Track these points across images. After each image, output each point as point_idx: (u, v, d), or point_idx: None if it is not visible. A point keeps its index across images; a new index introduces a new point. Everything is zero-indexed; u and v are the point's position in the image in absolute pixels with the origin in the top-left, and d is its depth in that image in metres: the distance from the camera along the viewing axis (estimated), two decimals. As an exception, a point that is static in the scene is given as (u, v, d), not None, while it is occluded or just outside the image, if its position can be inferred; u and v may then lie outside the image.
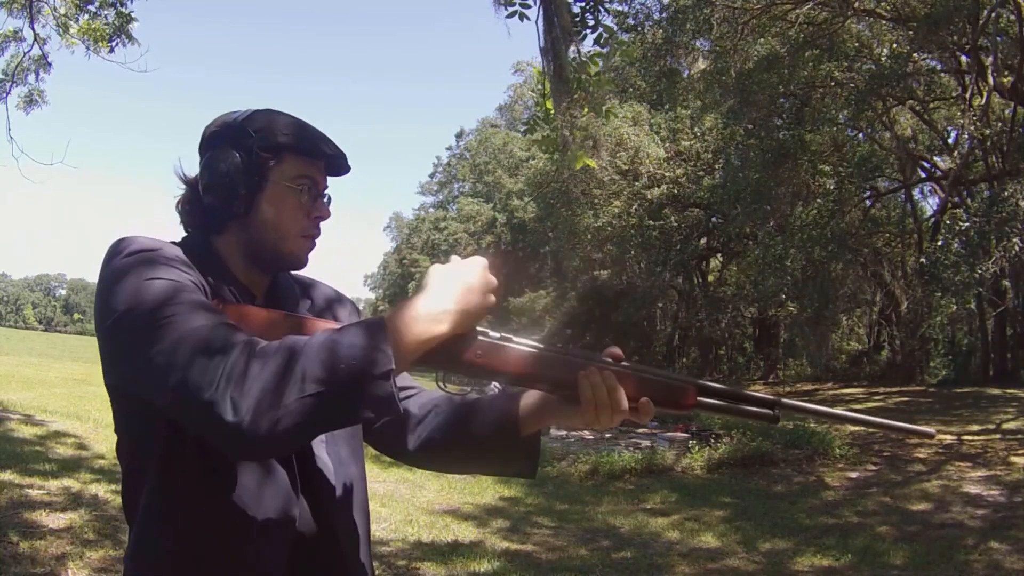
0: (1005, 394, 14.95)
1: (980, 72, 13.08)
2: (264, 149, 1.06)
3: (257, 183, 1.06)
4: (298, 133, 1.09)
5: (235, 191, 1.05)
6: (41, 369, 19.96)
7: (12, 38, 8.09)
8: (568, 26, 3.51)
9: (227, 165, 1.05)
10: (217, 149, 1.07)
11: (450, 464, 1.26)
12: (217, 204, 1.07)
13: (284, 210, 1.08)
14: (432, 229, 43.72)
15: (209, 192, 1.07)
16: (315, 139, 1.10)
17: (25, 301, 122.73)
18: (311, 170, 1.10)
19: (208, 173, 1.06)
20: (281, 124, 1.09)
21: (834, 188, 15.07)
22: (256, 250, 1.10)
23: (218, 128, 1.09)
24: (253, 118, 1.09)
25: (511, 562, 4.96)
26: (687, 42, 15.31)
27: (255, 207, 1.07)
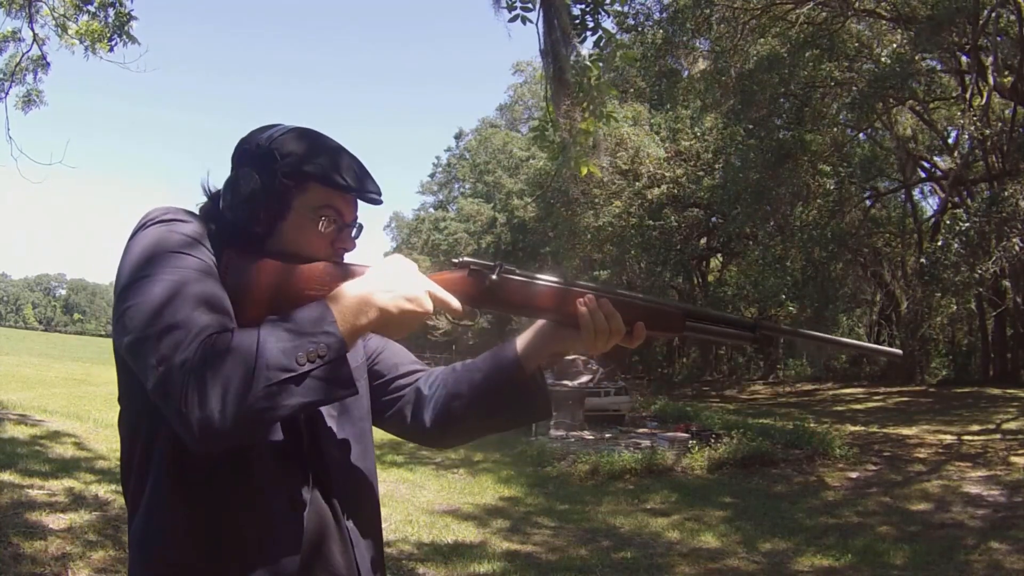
0: (1005, 394, 14.95)
1: (980, 72, 13.09)
2: (288, 176, 1.04)
3: (278, 210, 1.05)
4: (326, 163, 1.06)
5: (255, 214, 1.04)
6: (41, 369, 19.96)
7: (11, 38, 8.09)
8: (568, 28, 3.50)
9: (248, 188, 1.04)
10: (242, 169, 1.06)
11: (470, 428, 1.24)
12: (238, 223, 1.06)
13: (304, 239, 1.06)
14: (432, 229, 43.71)
15: (231, 211, 1.06)
16: (343, 171, 1.07)
17: (25, 301, 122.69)
18: (337, 201, 1.08)
19: (231, 192, 1.06)
20: (310, 151, 1.06)
21: (834, 188, 15.07)
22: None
23: (248, 146, 1.07)
24: (283, 141, 1.06)
25: (512, 562, 4.96)
26: (687, 42, 15.31)
27: (275, 232, 1.06)
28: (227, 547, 0.98)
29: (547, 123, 4.36)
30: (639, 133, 19.57)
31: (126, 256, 0.98)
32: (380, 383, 1.25)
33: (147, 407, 0.97)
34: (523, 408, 1.16)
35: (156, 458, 0.99)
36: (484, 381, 1.15)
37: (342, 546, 1.07)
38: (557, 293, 1.07)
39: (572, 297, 1.07)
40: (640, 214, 20.85)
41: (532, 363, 1.13)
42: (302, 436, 1.06)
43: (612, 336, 1.07)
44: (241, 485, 1.00)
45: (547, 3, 3.45)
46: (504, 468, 9.24)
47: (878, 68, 12.86)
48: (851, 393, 18.48)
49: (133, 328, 0.91)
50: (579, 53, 3.69)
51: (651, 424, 13.43)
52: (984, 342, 20.23)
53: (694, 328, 1.11)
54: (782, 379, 24.01)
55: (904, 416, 13.32)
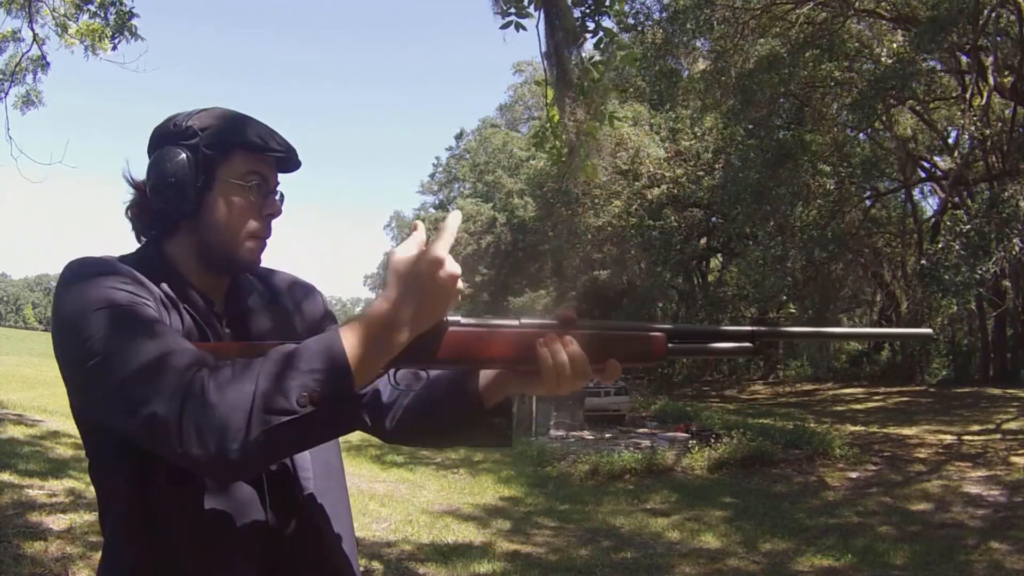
0: (1005, 394, 14.95)
1: (980, 72, 13.09)
2: (210, 146, 1.03)
3: (205, 181, 1.03)
4: (245, 129, 1.05)
5: (182, 190, 1.02)
6: (41, 369, 19.95)
7: (11, 38, 8.08)
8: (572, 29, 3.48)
9: (173, 164, 1.02)
10: (163, 149, 1.04)
11: (426, 441, 1.23)
12: (165, 205, 1.03)
13: (234, 209, 1.04)
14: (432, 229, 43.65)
15: (156, 193, 1.03)
16: (263, 135, 1.06)
17: (25, 301, 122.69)
18: (260, 166, 1.06)
19: (155, 173, 1.03)
20: (228, 121, 1.06)
21: (834, 188, 15.07)
22: (208, 252, 1.06)
23: (164, 128, 1.06)
24: (199, 116, 1.05)
25: (512, 562, 4.95)
26: (687, 42, 15.31)
27: (204, 206, 1.04)
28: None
29: (547, 128, 4.34)
30: (639, 133, 19.57)
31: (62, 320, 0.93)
32: None
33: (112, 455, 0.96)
34: (482, 437, 1.13)
35: (116, 503, 0.98)
36: (443, 408, 1.11)
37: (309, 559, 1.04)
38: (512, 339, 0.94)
39: (530, 341, 0.94)
40: (640, 214, 20.85)
41: (493, 400, 1.08)
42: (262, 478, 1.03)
43: (578, 377, 0.95)
44: (195, 516, 0.96)
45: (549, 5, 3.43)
46: (504, 468, 9.24)
47: (879, 68, 12.85)
48: (851, 393, 18.47)
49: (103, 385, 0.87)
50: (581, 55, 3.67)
51: (651, 424, 13.43)
52: (984, 342, 20.23)
53: (681, 351, 0.98)
54: (782, 379, 24.01)
55: (904, 416, 13.31)
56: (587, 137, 3.95)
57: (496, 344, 0.95)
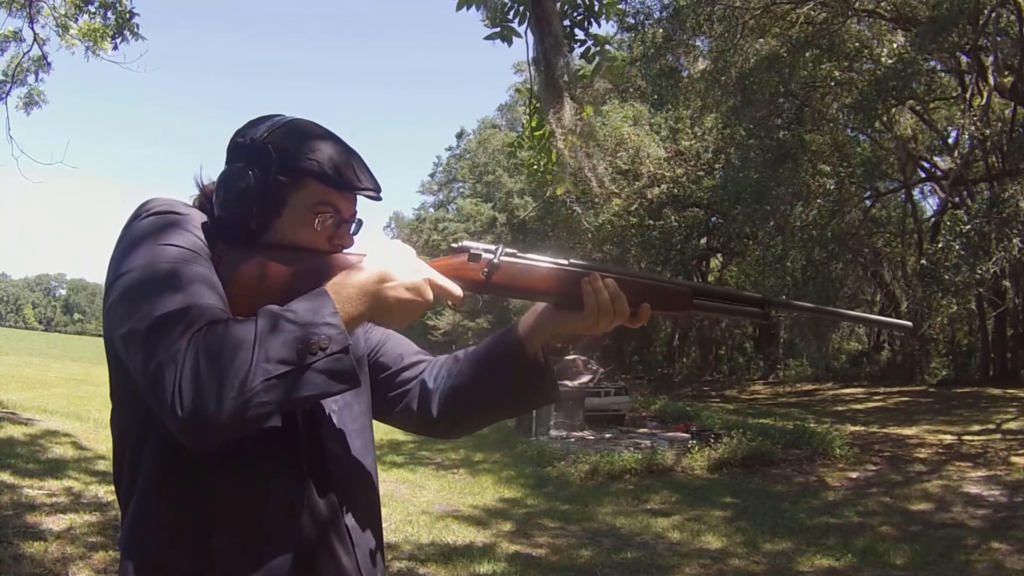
0: (1005, 394, 14.95)
1: (980, 72, 13.08)
2: (284, 172, 1.00)
3: (273, 207, 1.01)
4: (323, 159, 1.02)
5: (249, 211, 1.00)
6: (41, 369, 19.95)
7: (12, 38, 8.08)
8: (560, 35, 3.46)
9: (242, 184, 1.00)
10: (237, 165, 1.02)
11: (478, 415, 1.21)
12: (231, 220, 1.02)
13: (300, 236, 1.03)
14: (432, 229, 43.70)
15: (224, 207, 1.02)
16: (340, 167, 1.03)
17: (25, 301, 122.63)
18: (334, 197, 1.04)
19: (224, 188, 1.01)
20: (307, 146, 1.02)
21: (834, 188, 15.06)
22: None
23: (243, 141, 1.03)
24: (279, 135, 1.02)
25: (513, 563, 4.95)
26: (687, 41, 15.31)
27: (270, 230, 1.02)
28: (219, 550, 0.95)
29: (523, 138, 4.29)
30: (639, 133, 19.56)
31: (118, 247, 0.96)
32: (385, 376, 1.22)
33: (138, 404, 0.94)
34: (528, 391, 1.14)
35: (145, 458, 0.97)
36: (487, 366, 1.13)
37: (343, 546, 1.04)
38: (560, 275, 1.05)
39: (575, 278, 1.04)
40: (640, 214, 20.84)
41: (535, 345, 1.11)
42: (299, 432, 1.03)
43: (616, 317, 1.04)
44: (231, 485, 0.96)
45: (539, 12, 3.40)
46: (504, 468, 9.23)
47: (879, 68, 12.84)
48: (851, 393, 18.46)
49: (123, 320, 0.89)
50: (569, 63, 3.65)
51: (651, 424, 13.42)
52: (984, 342, 20.23)
53: (702, 306, 1.09)
54: (782, 379, 23.99)
55: (904, 416, 13.31)
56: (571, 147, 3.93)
57: (544, 278, 1.05)
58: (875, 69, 13.11)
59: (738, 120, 15.43)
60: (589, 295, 1.03)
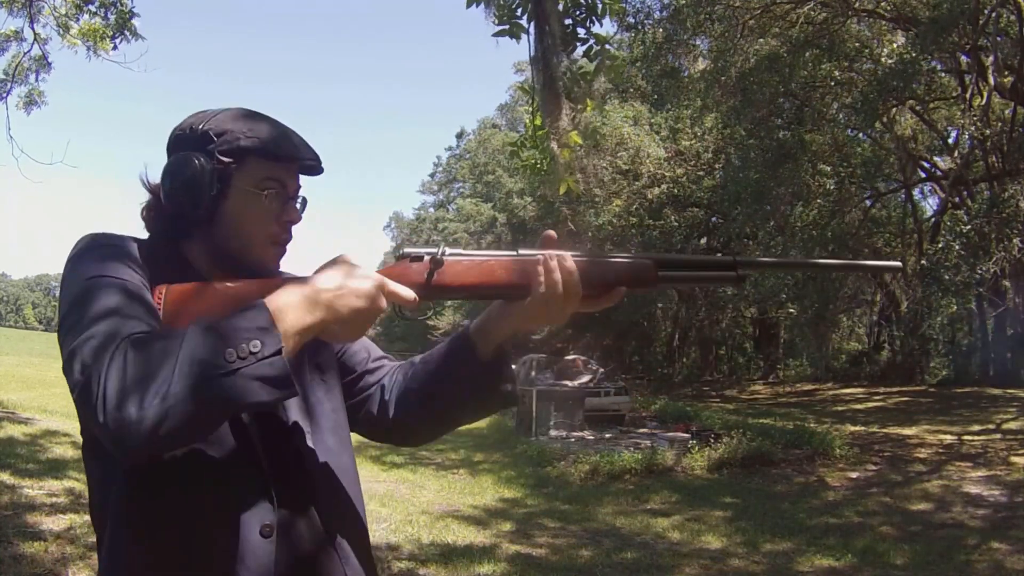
0: (1005, 394, 14.95)
1: (980, 72, 13.08)
2: (226, 153, 1.02)
3: (220, 189, 1.02)
4: (262, 135, 1.04)
5: (196, 198, 1.01)
6: (41, 369, 19.94)
7: (12, 38, 8.08)
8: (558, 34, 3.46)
9: (187, 171, 1.01)
10: (179, 154, 1.03)
11: (433, 421, 1.18)
12: (179, 211, 1.03)
13: (249, 216, 1.04)
14: (432, 229, 43.72)
15: (171, 199, 1.03)
16: (280, 140, 1.04)
17: (25, 301, 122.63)
18: (278, 172, 1.05)
19: (169, 179, 1.02)
20: (244, 126, 1.04)
21: (834, 188, 15.07)
22: (221, 257, 1.05)
23: (181, 132, 1.06)
24: (216, 119, 1.04)
25: (513, 563, 4.95)
26: (687, 41, 15.31)
27: (219, 213, 1.03)
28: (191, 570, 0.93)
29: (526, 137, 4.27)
30: (639, 133, 19.56)
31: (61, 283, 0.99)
32: (348, 380, 1.20)
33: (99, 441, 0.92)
34: (482, 395, 1.10)
35: (112, 495, 0.95)
36: (441, 369, 1.10)
37: (329, 559, 1.02)
38: (509, 264, 0.99)
39: (526, 266, 0.98)
40: (640, 214, 20.85)
41: (488, 344, 1.07)
42: (258, 449, 0.99)
43: (569, 299, 0.99)
44: (202, 517, 0.94)
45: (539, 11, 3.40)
46: (504, 468, 9.23)
47: (880, 69, 12.83)
48: (851, 393, 18.46)
49: (62, 346, 0.89)
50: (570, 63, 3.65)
51: (651, 424, 13.42)
52: (984, 342, 20.23)
53: (669, 277, 1.03)
54: (782, 379, 23.99)
55: (904, 416, 13.31)
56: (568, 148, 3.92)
57: (491, 270, 0.99)
58: (876, 69, 13.10)
59: (738, 120, 15.43)
60: (536, 275, 0.98)
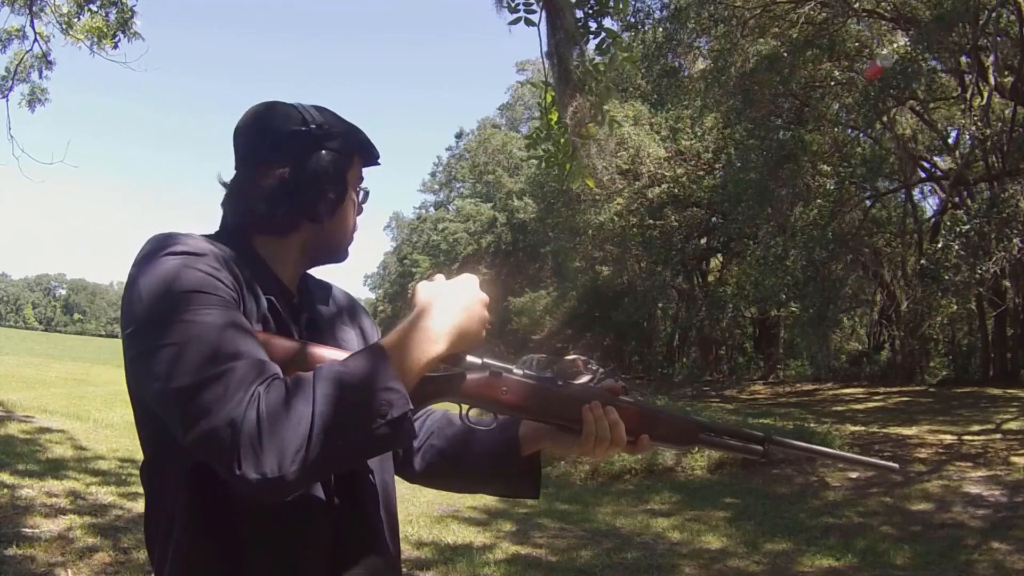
0: (1005, 394, 14.94)
1: (980, 72, 13.08)
2: (342, 151, 1.07)
3: (343, 188, 1.08)
4: (362, 138, 1.11)
5: (325, 196, 1.05)
6: (41, 369, 19.93)
7: (14, 35, 8.08)
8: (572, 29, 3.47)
9: (324, 167, 1.04)
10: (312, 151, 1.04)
11: (453, 485, 1.29)
12: (303, 206, 1.05)
13: (350, 211, 1.11)
14: (432, 229, 43.71)
15: (299, 193, 1.03)
16: (371, 145, 1.12)
17: (25, 301, 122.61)
18: (362, 172, 1.13)
19: (297, 174, 1.03)
20: (352, 128, 1.10)
21: (834, 188, 15.07)
22: (322, 248, 1.10)
23: (293, 123, 1.05)
24: (321, 114, 1.07)
25: (514, 564, 4.95)
26: (687, 41, 15.32)
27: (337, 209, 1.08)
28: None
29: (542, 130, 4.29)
30: (639, 133, 19.56)
31: (139, 289, 0.90)
32: None
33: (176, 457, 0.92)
34: (511, 486, 1.19)
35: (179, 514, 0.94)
36: (481, 454, 1.16)
37: (368, 557, 1.04)
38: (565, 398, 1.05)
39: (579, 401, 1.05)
40: (641, 213, 20.86)
41: (530, 448, 1.16)
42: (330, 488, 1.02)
43: (613, 446, 1.06)
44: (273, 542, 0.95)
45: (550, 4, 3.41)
46: (504, 468, 9.23)
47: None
48: (851, 393, 18.45)
49: (164, 375, 0.85)
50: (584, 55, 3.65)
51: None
52: (984, 342, 20.22)
53: (709, 441, 1.10)
54: (782, 379, 23.99)
55: (904, 416, 13.30)
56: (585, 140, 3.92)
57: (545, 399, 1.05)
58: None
59: (738, 120, 15.43)
60: (589, 422, 1.04)
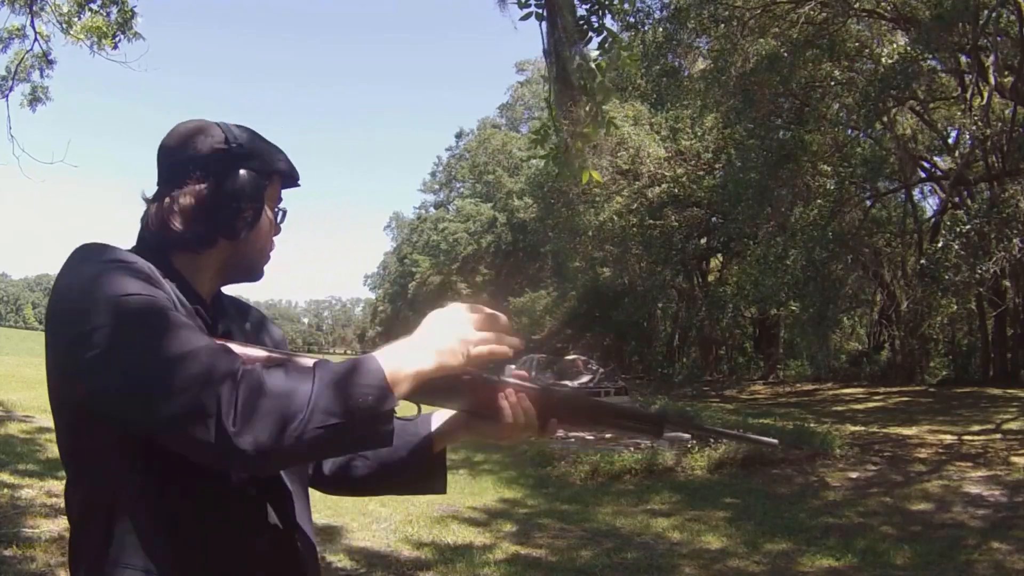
0: (1005, 394, 14.95)
1: (980, 72, 13.09)
2: (261, 171, 1.09)
3: (260, 207, 1.10)
4: (284, 160, 1.14)
5: (244, 215, 1.08)
6: (41, 369, 19.72)
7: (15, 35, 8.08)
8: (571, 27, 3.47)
9: (242, 186, 1.07)
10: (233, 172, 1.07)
11: (367, 486, 1.27)
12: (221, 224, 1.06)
13: (266, 231, 1.13)
14: (432, 229, 43.71)
15: (217, 211, 1.05)
16: (293, 169, 1.15)
17: (25, 301, 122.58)
18: (281, 193, 1.16)
19: (216, 192, 1.05)
20: (267, 145, 1.13)
21: (834, 188, 15.07)
22: (236, 266, 1.12)
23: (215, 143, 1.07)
24: (241, 135, 1.10)
25: (514, 564, 4.95)
26: (688, 41, 15.31)
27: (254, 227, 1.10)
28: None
29: (549, 126, 4.31)
30: (639, 133, 19.56)
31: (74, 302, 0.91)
32: None
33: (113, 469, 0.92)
34: (423, 482, 1.21)
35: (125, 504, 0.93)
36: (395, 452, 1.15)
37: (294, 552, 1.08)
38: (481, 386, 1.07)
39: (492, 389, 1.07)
40: (641, 213, 20.86)
41: (442, 444, 1.18)
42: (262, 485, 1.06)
43: (526, 430, 1.08)
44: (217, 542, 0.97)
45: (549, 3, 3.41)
46: (505, 469, 9.22)
47: (883, 69, 12.82)
48: (851, 393, 18.46)
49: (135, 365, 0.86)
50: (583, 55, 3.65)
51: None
52: (984, 342, 20.23)
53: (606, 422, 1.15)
54: (782, 379, 23.99)
55: (904, 416, 13.31)
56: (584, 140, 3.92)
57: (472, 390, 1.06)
58: (877, 69, 13.10)
59: (738, 120, 15.43)
60: (506, 408, 1.06)
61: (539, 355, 17.59)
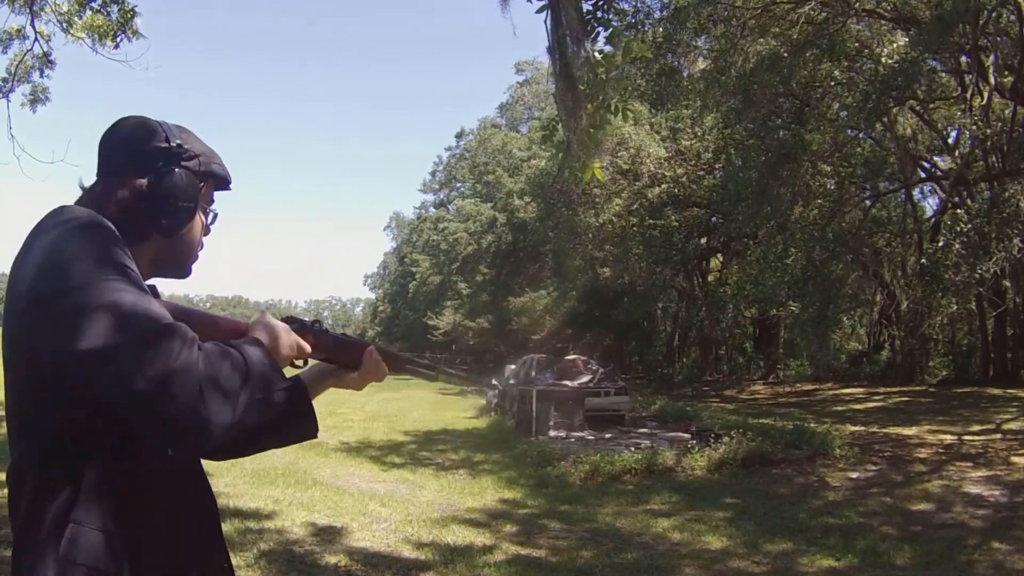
0: (1005, 394, 14.95)
1: (980, 72, 13.08)
2: (198, 174, 1.15)
3: (195, 206, 1.16)
4: (221, 164, 1.21)
5: (181, 214, 1.13)
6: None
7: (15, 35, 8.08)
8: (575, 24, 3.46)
9: (180, 184, 1.12)
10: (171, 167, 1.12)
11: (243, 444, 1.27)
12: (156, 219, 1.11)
13: (198, 230, 1.20)
14: (432, 229, 43.69)
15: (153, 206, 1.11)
16: (228, 174, 1.23)
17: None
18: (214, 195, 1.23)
19: (157, 188, 1.10)
20: (205, 149, 1.19)
21: (834, 188, 15.06)
22: (166, 262, 1.17)
23: (158, 142, 1.13)
24: (182, 136, 1.16)
25: (514, 564, 4.95)
26: (688, 41, 15.30)
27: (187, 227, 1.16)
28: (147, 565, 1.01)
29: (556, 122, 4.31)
30: (639, 133, 19.55)
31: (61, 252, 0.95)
32: None
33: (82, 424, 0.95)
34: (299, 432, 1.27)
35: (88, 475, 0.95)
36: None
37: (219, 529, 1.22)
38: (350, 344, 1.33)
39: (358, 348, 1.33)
40: (641, 213, 20.85)
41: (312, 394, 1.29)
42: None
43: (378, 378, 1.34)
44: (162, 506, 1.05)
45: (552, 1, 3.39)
46: (505, 469, 9.22)
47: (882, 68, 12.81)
48: (851, 393, 18.46)
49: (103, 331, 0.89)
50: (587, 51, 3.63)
51: (651, 424, 13.41)
52: (984, 342, 20.23)
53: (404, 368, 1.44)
54: (782, 379, 23.99)
55: (904, 416, 13.31)
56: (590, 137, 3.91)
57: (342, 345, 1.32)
58: (877, 69, 13.09)
59: (738, 120, 15.42)
60: (369, 363, 1.31)
61: (539, 355, 17.58)
